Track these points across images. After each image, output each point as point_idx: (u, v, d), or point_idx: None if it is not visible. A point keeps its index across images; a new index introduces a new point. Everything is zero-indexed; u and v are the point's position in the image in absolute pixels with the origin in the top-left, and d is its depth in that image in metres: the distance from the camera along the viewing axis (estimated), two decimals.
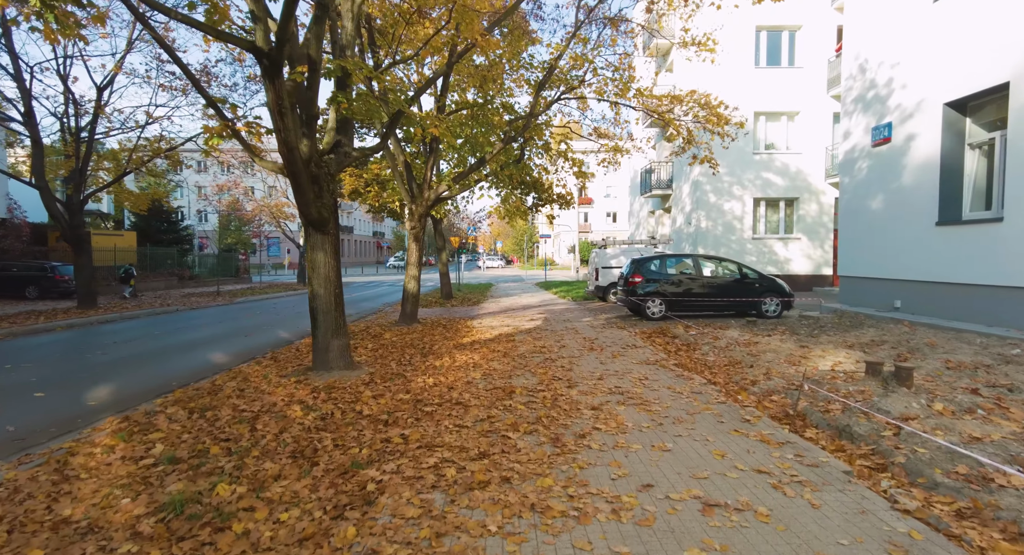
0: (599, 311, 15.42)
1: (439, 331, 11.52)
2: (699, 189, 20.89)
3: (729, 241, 20.78)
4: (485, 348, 9.18)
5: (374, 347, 9.45)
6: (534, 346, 9.32)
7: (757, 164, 20.69)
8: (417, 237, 12.46)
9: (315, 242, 6.98)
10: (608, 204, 66.74)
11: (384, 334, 10.94)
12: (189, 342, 11.25)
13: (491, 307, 17.50)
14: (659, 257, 12.96)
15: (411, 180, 12.35)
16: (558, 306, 17.26)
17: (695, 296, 12.39)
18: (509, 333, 11.09)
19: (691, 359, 8.21)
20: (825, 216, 20.56)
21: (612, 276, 17.51)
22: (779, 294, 12.37)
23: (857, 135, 12.10)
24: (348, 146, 7.31)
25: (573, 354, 8.57)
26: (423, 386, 6.46)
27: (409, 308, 12.57)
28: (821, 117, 20.31)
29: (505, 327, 12.14)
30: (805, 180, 20.54)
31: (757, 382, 6.72)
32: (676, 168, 23.65)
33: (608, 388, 6.32)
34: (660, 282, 12.51)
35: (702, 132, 13.34)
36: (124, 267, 22.47)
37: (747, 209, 20.82)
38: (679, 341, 9.83)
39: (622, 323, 12.30)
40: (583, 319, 13.34)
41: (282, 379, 6.89)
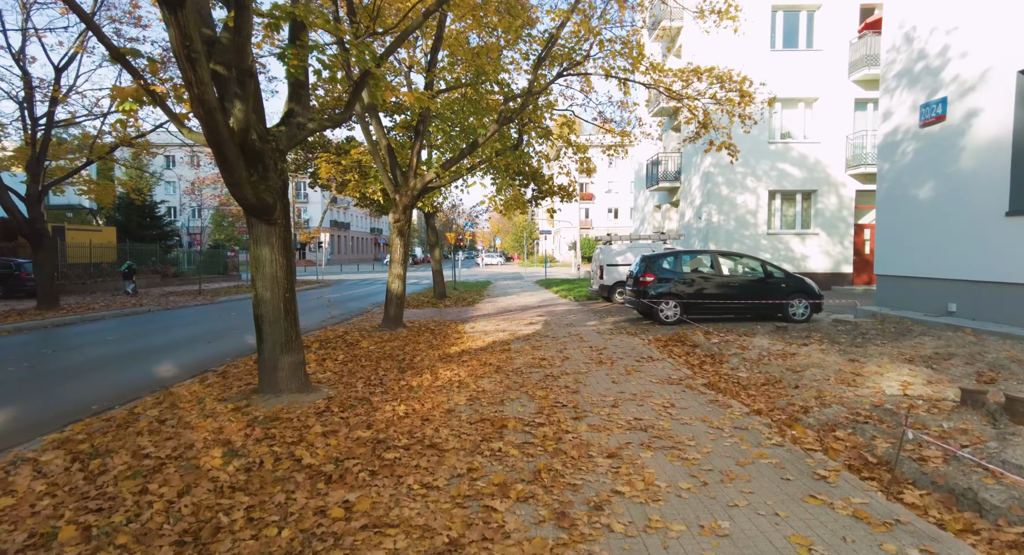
0: (605, 313, 14.05)
1: (425, 337, 10.16)
2: (710, 181, 19.52)
3: (742, 237, 19.42)
4: (475, 360, 7.82)
5: (345, 359, 8.08)
6: (532, 358, 7.96)
7: (772, 154, 19.31)
8: (402, 231, 11.09)
9: (258, 234, 5.62)
10: (609, 200, 65.42)
11: (361, 342, 9.58)
12: (141, 350, 9.89)
13: (487, 308, 16.14)
14: (673, 254, 11.60)
15: (395, 167, 10.97)
16: (559, 307, 15.90)
17: (714, 298, 11.02)
18: (504, 340, 9.74)
19: (720, 376, 6.84)
20: (845, 210, 19.19)
21: (618, 274, 16.14)
22: (807, 295, 11.01)
23: (901, 115, 10.71)
24: (303, 116, 5.93)
25: (579, 368, 7.21)
26: (391, 417, 5.10)
27: (393, 311, 11.21)
28: (841, 103, 18.92)
29: (500, 332, 10.79)
30: (824, 171, 19.16)
31: (810, 409, 5.37)
32: (685, 159, 22.26)
33: (626, 420, 4.96)
34: (674, 282, 11.14)
35: (720, 115, 11.97)
36: (127, 263, 22.51)
37: (761, 202, 19.45)
38: (701, 351, 8.47)
39: (632, 328, 10.94)
40: (588, 323, 11.98)
41: (219, 405, 5.54)
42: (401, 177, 11.03)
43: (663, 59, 22.35)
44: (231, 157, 4.57)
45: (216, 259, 34.90)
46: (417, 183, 11.03)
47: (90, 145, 15.29)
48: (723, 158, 19.43)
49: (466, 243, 29.36)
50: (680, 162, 22.78)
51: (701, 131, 12.39)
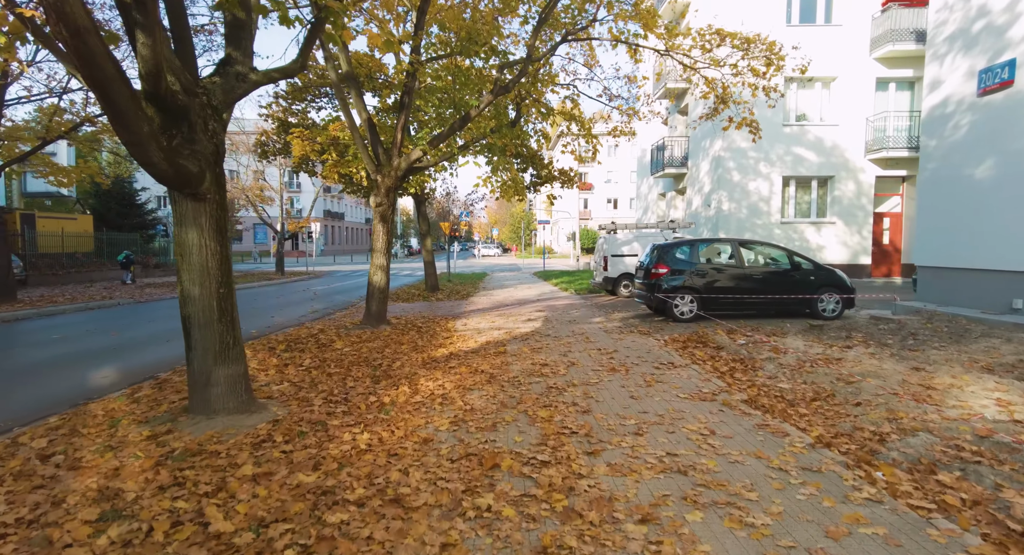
0: (610, 308, 12.86)
1: (410, 337, 8.96)
2: (720, 166, 18.28)
3: (754, 226, 18.22)
4: (464, 367, 6.62)
5: (311, 364, 6.87)
6: (532, 363, 6.77)
7: (787, 138, 18.07)
8: (384, 217, 9.85)
9: (183, 213, 4.39)
10: (608, 190, 64.16)
11: (336, 342, 8.37)
12: (87, 351, 8.67)
13: (482, 302, 14.94)
14: (688, 242, 10.38)
15: (376, 144, 9.72)
16: (560, 301, 14.71)
17: (734, 292, 9.84)
18: (500, 340, 8.55)
19: (758, 388, 5.66)
20: (864, 197, 17.99)
21: (624, 266, 14.95)
22: (839, 289, 9.84)
23: (953, 83, 9.46)
24: (244, 65, 4.68)
25: (587, 377, 6.03)
26: (349, 451, 3.91)
27: (375, 306, 10.00)
28: (862, 83, 17.66)
29: (496, 330, 9.60)
30: (841, 156, 17.94)
31: (885, 437, 4.19)
32: (692, 144, 21.00)
33: (657, 456, 3.78)
34: (690, 274, 9.94)
35: (741, 88, 10.74)
36: (124, 253, 22.58)
37: (775, 189, 18.24)
38: (727, 355, 7.29)
39: (644, 326, 9.76)
40: (593, 319, 10.79)
41: (134, 430, 4.34)
42: (384, 156, 9.78)
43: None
44: (122, 103, 3.33)
45: None
46: (401, 162, 9.79)
47: (46, 123, 13.97)
48: (734, 142, 18.23)
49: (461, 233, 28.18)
50: (687, 147, 21.52)
51: (719, 107, 11.18)
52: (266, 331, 10.59)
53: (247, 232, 62.87)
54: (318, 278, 29.48)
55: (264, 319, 12.68)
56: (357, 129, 9.55)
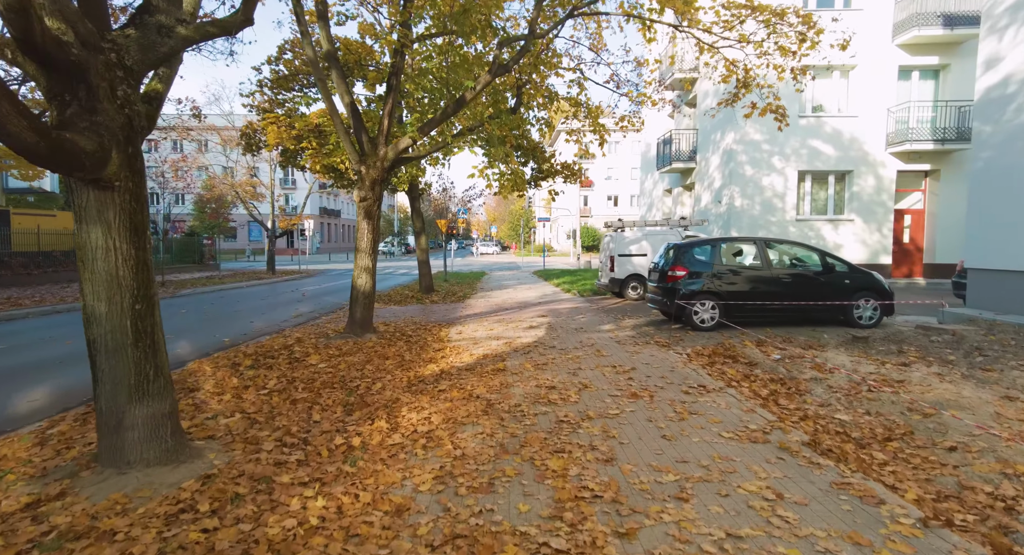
0: (619, 313, 11.83)
1: (397, 349, 7.91)
2: (732, 160, 17.24)
3: (768, 223, 17.19)
4: (456, 390, 5.58)
5: (276, 386, 5.83)
6: (537, 386, 5.73)
7: (803, 130, 17.03)
8: (369, 213, 8.80)
9: (84, 205, 3.34)
10: (609, 187, 63.20)
11: (311, 356, 7.31)
12: (23, 366, 7.58)
13: (479, 304, 13.90)
14: (709, 242, 9.33)
15: (360, 132, 8.66)
16: (563, 304, 13.67)
17: (761, 297, 8.80)
18: (498, 353, 7.50)
19: (812, 420, 4.63)
20: (884, 193, 16.96)
21: (632, 266, 13.91)
22: (877, 294, 8.81)
23: (1016, 59, 8.38)
24: (169, 15, 3.62)
25: (605, 406, 4.99)
26: (293, 529, 2.86)
27: (359, 313, 8.96)
28: (883, 71, 16.61)
29: (494, 341, 8.56)
30: (860, 149, 16.91)
31: (1012, 503, 3.16)
32: (701, 137, 19.95)
33: (715, 542, 2.73)
34: (712, 277, 8.90)
35: (766, 71, 9.71)
36: None
37: (790, 184, 17.21)
38: (763, 373, 6.25)
39: (660, 335, 8.72)
40: (602, 326, 9.76)
41: (20, 489, 3.30)
42: (368, 145, 8.73)
43: None
44: None
45: (191, 248, 32.49)
46: (388, 152, 8.74)
47: None
48: (747, 134, 17.20)
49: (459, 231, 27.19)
50: (695, 140, 20.47)
51: (740, 92, 10.16)
52: (240, 340, 9.55)
53: (241, 229, 61.71)
54: (310, 277, 28.49)
55: (242, 324, 11.64)
56: (338, 114, 8.48)
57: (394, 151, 8.77)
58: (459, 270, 31.36)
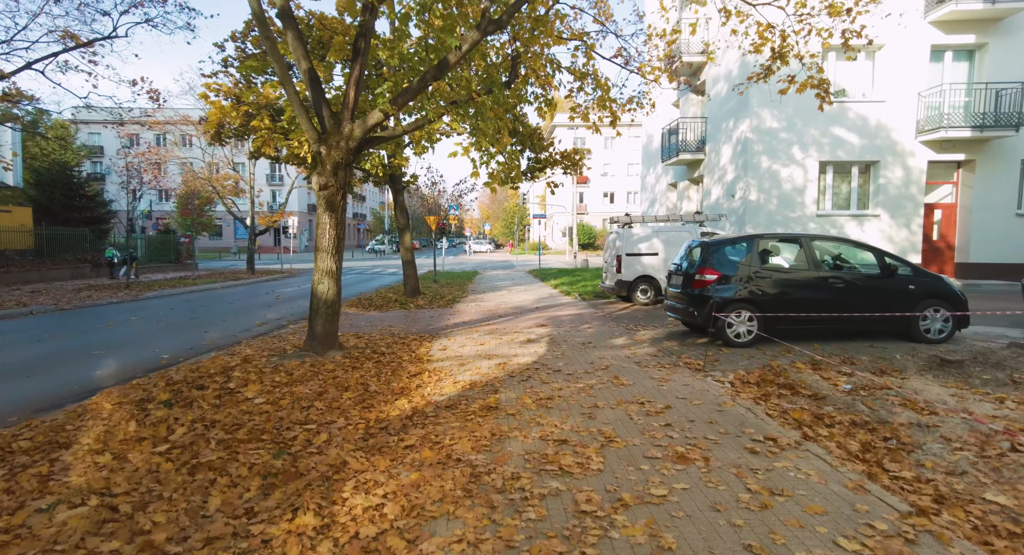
0: (630, 321, 10.28)
1: (362, 374, 6.31)
2: (747, 150, 15.71)
3: (787, 219, 15.70)
4: (429, 446, 3.99)
5: (183, 438, 4.21)
6: (542, 437, 4.15)
7: (824, 117, 15.52)
8: (332, 204, 7.19)
9: None
10: (605, 183, 61.76)
11: (250, 385, 5.70)
12: None
13: (470, 310, 12.32)
14: (744, 239, 7.76)
15: (320, 105, 7.05)
16: (564, 309, 12.11)
17: (808, 306, 7.26)
18: (489, 380, 5.93)
19: (961, 505, 3.09)
20: (913, 185, 15.50)
21: (641, 267, 12.37)
22: (948, 302, 7.30)
23: None
24: None
25: (644, 480, 3.42)
26: None
27: (320, 326, 7.35)
28: (914, 52, 15.13)
29: (484, 360, 6.98)
30: (888, 137, 15.43)
31: None
32: (711, 126, 18.42)
33: None
34: (748, 282, 7.36)
35: (805, 36, 8.21)
36: (128, 252, 23.08)
37: (810, 177, 15.71)
38: (837, 411, 4.71)
39: (689, 354, 7.16)
40: (614, 340, 8.19)
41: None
42: (331, 121, 7.11)
43: None
44: None
45: (167, 246, 30.64)
46: (354, 129, 7.13)
47: None
48: (763, 121, 15.70)
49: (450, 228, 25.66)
50: (704, 129, 18.94)
51: (775, 65, 8.65)
52: (183, 356, 7.98)
53: (227, 227, 59.71)
54: (292, 277, 26.82)
55: (194, 335, 10.03)
56: (291, 83, 6.85)
57: (362, 128, 7.16)
58: (450, 269, 29.76)
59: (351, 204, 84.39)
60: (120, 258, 22.93)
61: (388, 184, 14.65)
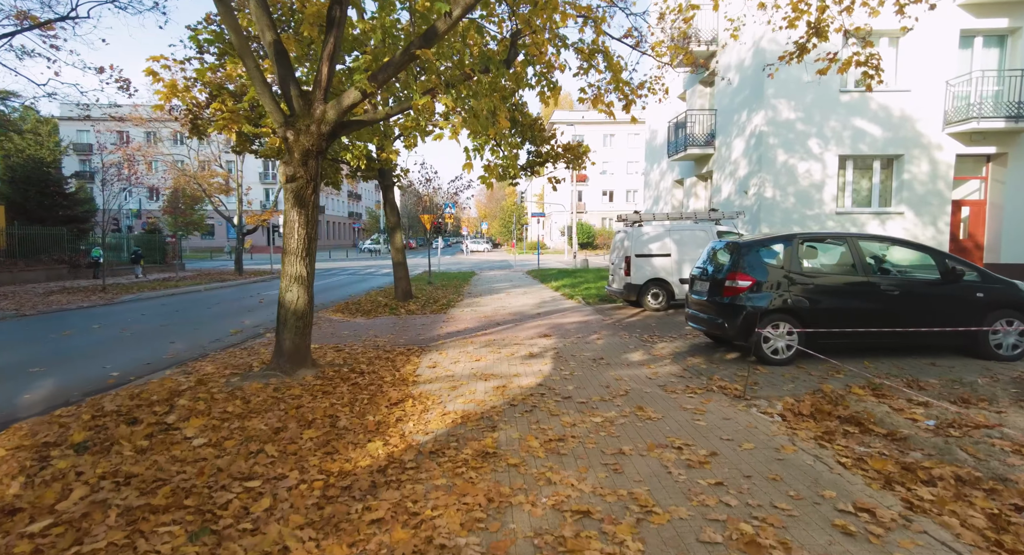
0: (642, 330, 9.24)
1: (331, 402, 5.25)
2: (761, 144, 14.68)
3: (804, 217, 14.68)
4: (402, 521, 2.94)
5: (74, 507, 3.12)
6: (556, 507, 3.10)
7: (845, 108, 14.53)
8: (301, 198, 6.13)
9: None
10: (604, 181, 60.78)
11: (193, 418, 4.63)
12: None
13: (466, 317, 11.27)
14: (781, 239, 6.71)
15: (288, 83, 5.99)
16: (568, 315, 11.07)
17: (857, 317, 6.23)
18: (485, 412, 4.88)
19: None
20: (940, 181, 14.49)
21: (652, 269, 11.33)
22: (1020, 311, 6.27)
23: None
24: None
25: None
26: None
27: (289, 341, 6.29)
28: (941, 37, 14.10)
29: (479, 382, 5.93)
30: (913, 129, 14.42)
31: None
32: (721, 118, 17.38)
33: None
34: (788, 289, 6.32)
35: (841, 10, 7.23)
36: (134, 249, 24.48)
37: (829, 172, 14.69)
38: (928, 459, 3.67)
39: (718, 373, 6.13)
40: (628, 355, 7.16)
41: None
42: (300, 101, 6.06)
43: None
44: None
45: (152, 246, 29.47)
46: (327, 111, 6.08)
47: None
48: (779, 113, 14.67)
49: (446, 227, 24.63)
50: (714, 122, 17.90)
51: (810, 43, 7.67)
52: (136, 373, 6.94)
53: (220, 226, 58.40)
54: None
55: (158, 346, 8.99)
56: (252, 56, 5.79)
57: (336, 110, 6.10)
58: (447, 269, 28.71)
59: (345, 203, 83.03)
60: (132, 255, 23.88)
61: (378, 180, 13.59)
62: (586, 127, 58.57)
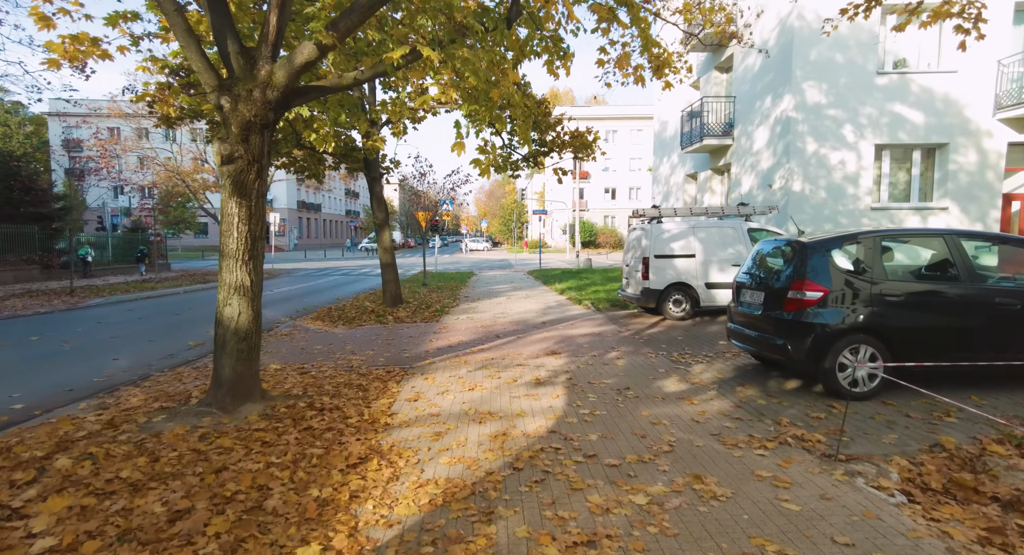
0: (668, 345, 7.80)
1: (267, 464, 3.81)
2: (789, 131, 13.24)
3: (835, 213, 13.25)
4: None
5: None
6: None
7: (882, 91, 13.08)
8: (240, 185, 4.71)
9: None
10: (606, 179, 59.31)
11: (49, 501, 3.21)
12: None
13: (460, 327, 9.85)
14: (858, 237, 5.27)
15: (225, 34, 4.56)
16: (578, 325, 9.65)
17: (965, 337, 4.80)
18: (478, 482, 3.45)
19: None
20: (990, 172, 13.05)
21: (675, 272, 9.89)
22: None
23: None
24: None
25: None
26: None
27: (229, 369, 4.87)
28: (994, 12, 12.57)
29: (473, 425, 4.50)
30: (959, 115, 12.97)
31: None
32: (741, 105, 15.93)
33: None
34: (871, 302, 4.88)
35: None
36: (140, 248, 24.81)
37: (865, 163, 13.26)
38: None
39: (785, 415, 4.70)
40: (661, 383, 5.73)
41: None
42: (241, 60, 4.62)
43: None
44: None
45: (135, 245, 28.02)
46: (276, 72, 4.65)
47: None
48: (809, 97, 13.24)
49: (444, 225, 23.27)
50: (732, 111, 16.45)
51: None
52: (37, 410, 5.49)
53: (214, 226, 56.90)
54: (272, 279, 24.37)
55: (96, 364, 7.60)
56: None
57: (287, 70, 4.67)
58: (444, 269, 27.29)
59: (343, 201, 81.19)
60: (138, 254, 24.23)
61: (364, 172, 12.16)
62: (586, 123, 57.08)
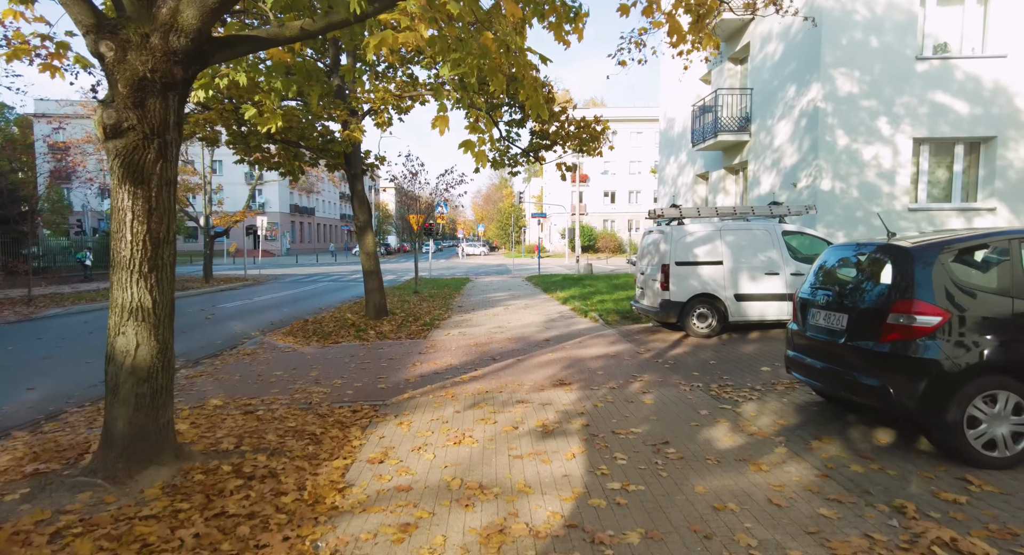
0: (701, 372, 6.43)
1: None
2: (817, 125, 11.92)
3: (868, 214, 11.90)
4: None
5: None
6: None
7: (921, 79, 11.78)
8: (135, 166, 3.35)
9: None
10: (605, 182, 58.13)
11: None
12: None
13: (450, 345, 8.47)
14: (987, 240, 3.92)
15: None
16: (588, 345, 8.27)
17: None
18: None
19: None
20: None
21: (700, 282, 8.52)
22: None
23: None
24: None
25: None
26: None
27: (124, 422, 3.48)
28: None
29: (453, 514, 3.11)
30: (1009, 104, 11.68)
31: None
32: (758, 99, 14.62)
33: None
34: (1015, 328, 3.53)
35: None
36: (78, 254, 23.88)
37: (902, 159, 11.94)
38: None
39: (909, 499, 3.34)
40: (707, 432, 4.37)
41: None
42: None
43: None
44: None
45: (104, 249, 26.53)
46: (183, 10, 3.29)
47: None
48: (840, 86, 11.95)
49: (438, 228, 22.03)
50: (749, 104, 15.13)
51: None
52: None
53: None
54: (256, 286, 23.02)
55: (8, 393, 6.21)
56: None
57: (199, 8, 3.31)
58: (439, 275, 25.90)
59: (337, 205, 79.31)
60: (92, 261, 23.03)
61: (344, 168, 10.79)
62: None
